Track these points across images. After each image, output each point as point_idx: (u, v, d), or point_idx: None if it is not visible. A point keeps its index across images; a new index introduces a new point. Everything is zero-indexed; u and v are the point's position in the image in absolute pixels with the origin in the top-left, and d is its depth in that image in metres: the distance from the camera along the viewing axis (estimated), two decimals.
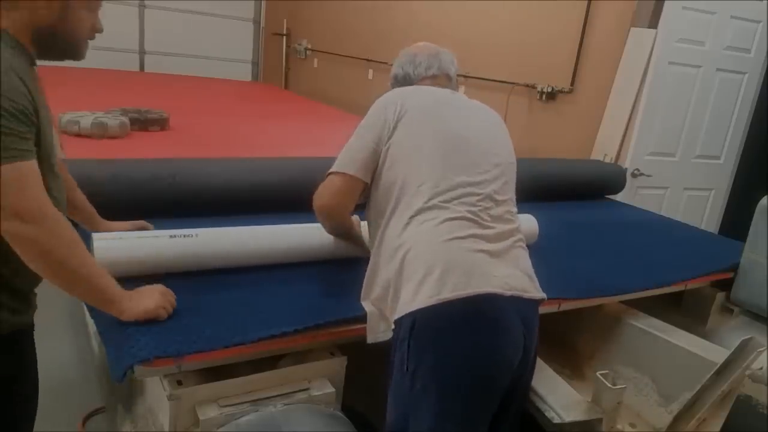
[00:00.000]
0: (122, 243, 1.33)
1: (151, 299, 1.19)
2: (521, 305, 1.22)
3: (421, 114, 1.37)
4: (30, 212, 0.97)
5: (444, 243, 1.21)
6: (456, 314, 1.16)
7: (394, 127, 1.35)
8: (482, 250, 1.23)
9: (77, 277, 1.06)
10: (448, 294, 1.15)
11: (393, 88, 1.56)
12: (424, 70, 1.57)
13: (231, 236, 1.49)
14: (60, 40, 1.11)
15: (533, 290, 1.28)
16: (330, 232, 1.55)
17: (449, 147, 1.33)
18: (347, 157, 1.36)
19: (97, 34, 1.18)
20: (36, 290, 1.21)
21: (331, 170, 1.37)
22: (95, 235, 1.31)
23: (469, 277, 1.18)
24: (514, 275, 1.25)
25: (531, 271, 1.32)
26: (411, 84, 1.56)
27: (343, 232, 1.56)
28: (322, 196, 1.38)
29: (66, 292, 1.09)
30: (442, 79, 1.58)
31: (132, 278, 1.23)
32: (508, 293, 1.20)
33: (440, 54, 1.61)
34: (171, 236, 1.38)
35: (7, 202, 0.95)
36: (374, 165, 1.35)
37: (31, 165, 0.99)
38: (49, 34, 1.09)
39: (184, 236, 1.39)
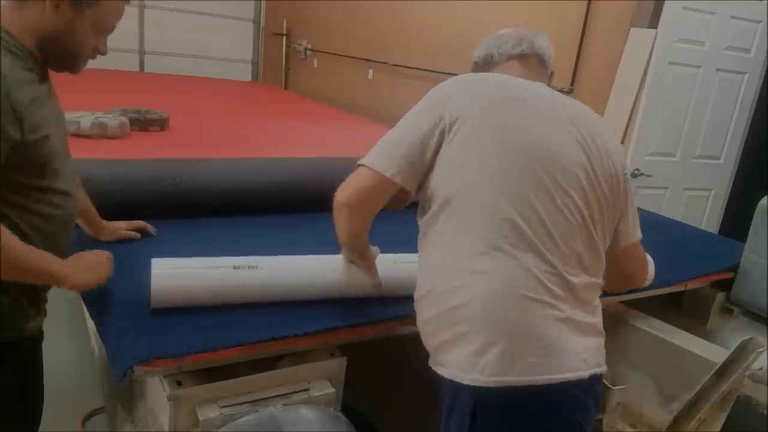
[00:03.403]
0: (180, 272, 1.25)
1: (95, 269, 1.18)
2: (595, 382, 1.06)
3: (490, 116, 1.08)
4: None
5: (514, 304, 0.99)
6: (527, 403, 0.99)
7: (452, 129, 1.07)
8: (561, 319, 1.01)
9: (32, 268, 1.06)
10: (518, 377, 0.97)
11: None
12: (510, 47, 1.26)
13: (296, 268, 1.35)
14: (61, 50, 1.12)
15: (603, 360, 1.09)
16: (343, 241, 1.25)
17: (525, 164, 1.04)
18: (386, 151, 1.11)
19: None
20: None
21: (362, 162, 1.13)
22: (154, 262, 1.23)
23: (543, 356, 0.98)
24: (591, 347, 1.05)
25: (602, 330, 1.12)
26: (495, 65, 1.27)
27: (357, 246, 1.27)
28: (345, 190, 1.14)
29: (28, 282, 1.10)
30: (534, 60, 1.27)
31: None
32: (587, 374, 1.02)
33: (534, 33, 1.30)
34: (235, 267, 1.28)
35: None
36: (420, 170, 1.10)
37: None
38: (53, 42, 1.10)
39: (249, 267, 1.28)
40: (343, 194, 1.14)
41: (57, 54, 1.12)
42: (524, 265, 1.00)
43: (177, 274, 1.23)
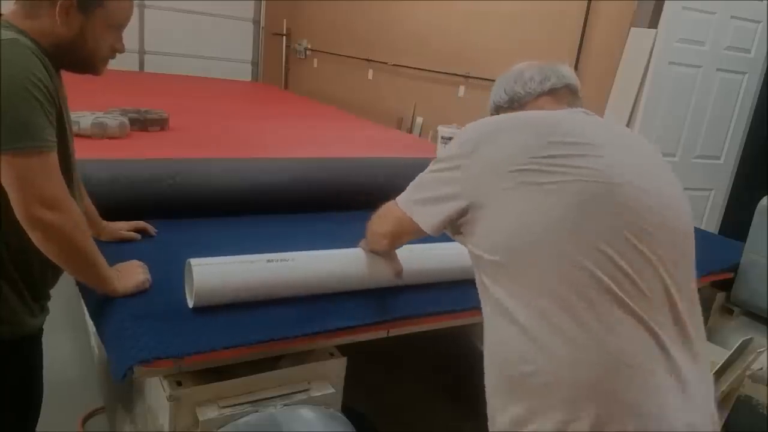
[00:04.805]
0: (220, 268, 1.26)
1: (136, 274, 1.26)
2: None
3: (538, 160, 0.92)
4: (55, 200, 1.03)
5: (603, 370, 0.82)
6: None
7: (491, 174, 0.94)
8: (664, 383, 0.84)
9: (88, 260, 1.13)
10: None
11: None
12: (537, 84, 1.16)
13: (326, 261, 1.38)
14: (78, 55, 1.14)
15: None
16: (380, 252, 1.37)
17: (591, 207, 0.88)
18: (419, 197, 1.07)
19: None
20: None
21: (399, 202, 1.11)
22: (193, 261, 1.23)
23: (644, 424, 0.81)
24: (700, 421, 0.87)
25: (711, 388, 0.93)
26: (523, 106, 1.17)
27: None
28: (385, 225, 1.21)
29: (73, 274, 1.16)
30: (565, 92, 1.16)
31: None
32: None
33: (555, 63, 1.20)
34: (268, 261, 1.31)
35: (34, 189, 1.00)
36: (453, 216, 1.00)
37: (55, 156, 1.05)
38: (68, 48, 1.12)
39: (281, 260, 1.32)
40: (382, 227, 1.23)
41: (75, 59, 1.14)
42: (610, 324, 0.84)
43: (217, 270, 1.24)
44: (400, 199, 1.12)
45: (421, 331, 1.40)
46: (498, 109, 1.22)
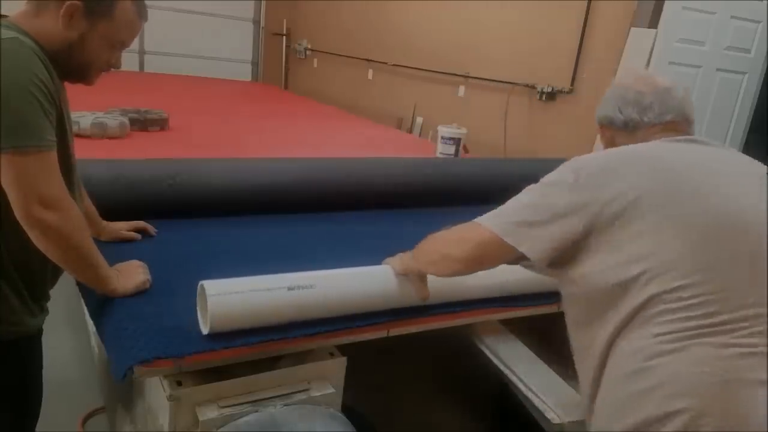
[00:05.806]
0: (237, 298, 1.19)
1: (136, 275, 1.27)
2: None
3: (662, 194, 0.97)
4: (54, 199, 1.03)
5: (737, 395, 0.85)
6: None
7: (607, 212, 0.97)
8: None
9: (87, 260, 1.14)
10: None
11: (603, 131, 1.23)
12: (656, 116, 1.15)
13: (349, 285, 1.32)
14: (73, 62, 1.13)
15: None
16: (433, 274, 1.28)
17: (713, 242, 0.93)
18: (515, 219, 1.04)
19: None
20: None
21: (484, 223, 1.06)
22: (207, 287, 1.16)
23: None
24: None
25: None
26: (636, 131, 1.17)
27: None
28: (456, 249, 1.12)
29: (72, 274, 1.16)
30: (683, 125, 1.16)
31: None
32: None
33: (672, 90, 1.17)
34: (289, 288, 1.23)
35: (33, 189, 1.01)
36: (557, 251, 1.01)
37: (55, 155, 1.05)
38: (66, 53, 1.11)
39: (302, 287, 1.25)
40: (457, 251, 1.12)
41: (69, 65, 1.13)
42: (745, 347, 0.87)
43: (233, 300, 1.17)
44: (493, 221, 1.05)
45: (421, 331, 1.40)
46: (610, 125, 1.21)
